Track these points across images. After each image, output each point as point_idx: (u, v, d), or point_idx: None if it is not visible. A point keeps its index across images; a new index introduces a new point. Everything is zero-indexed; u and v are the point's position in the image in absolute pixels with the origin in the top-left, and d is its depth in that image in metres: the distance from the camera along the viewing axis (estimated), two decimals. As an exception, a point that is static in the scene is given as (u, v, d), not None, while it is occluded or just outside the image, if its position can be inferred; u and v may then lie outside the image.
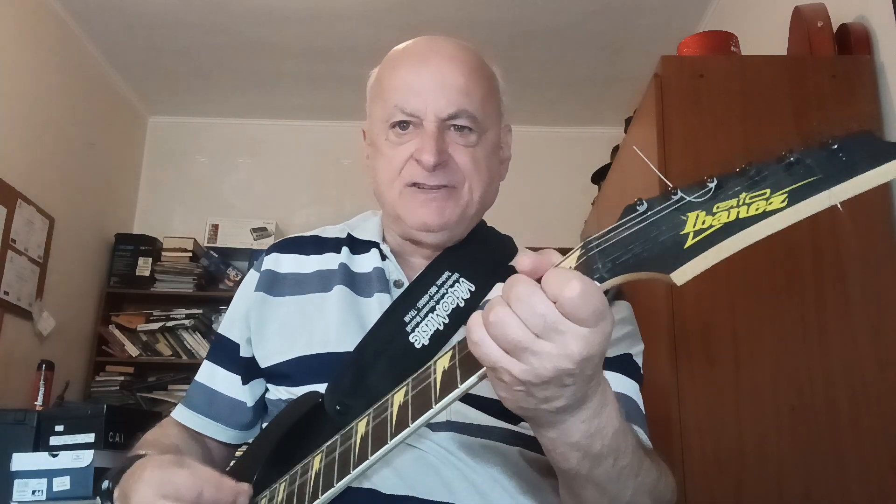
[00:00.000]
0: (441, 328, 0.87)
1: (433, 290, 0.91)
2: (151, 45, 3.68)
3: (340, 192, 4.10)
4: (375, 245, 0.99)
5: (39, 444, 2.15)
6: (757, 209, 0.51)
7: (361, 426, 0.74)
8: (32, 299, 3.22)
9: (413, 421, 0.67)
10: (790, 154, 0.52)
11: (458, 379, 0.64)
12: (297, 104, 4.19)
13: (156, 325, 3.86)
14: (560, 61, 3.72)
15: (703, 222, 0.53)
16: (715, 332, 1.64)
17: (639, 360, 0.94)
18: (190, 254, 3.95)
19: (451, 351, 0.67)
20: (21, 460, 2.08)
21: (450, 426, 0.84)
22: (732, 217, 0.52)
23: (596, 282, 0.56)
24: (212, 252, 4.00)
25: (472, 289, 0.91)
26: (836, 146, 0.51)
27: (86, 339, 3.78)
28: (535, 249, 1.01)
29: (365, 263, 0.98)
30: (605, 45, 3.57)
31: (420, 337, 0.87)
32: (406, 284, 0.94)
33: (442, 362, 0.67)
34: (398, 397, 0.71)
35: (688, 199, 0.54)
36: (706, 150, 1.77)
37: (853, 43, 1.88)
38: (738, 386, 1.61)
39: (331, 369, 0.88)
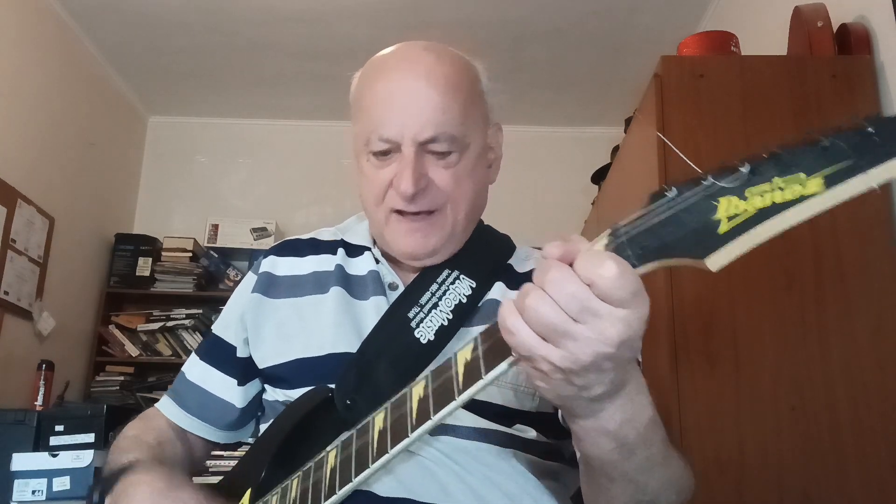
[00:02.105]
0: (445, 324, 0.87)
1: (434, 287, 0.90)
2: (151, 45, 3.67)
3: (340, 192, 4.10)
4: (368, 249, 0.99)
5: (39, 444, 2.15)
6: (793, 194, 0.51)
7: (379, 420, 0.73)
8: (32, 299, 3.22)
9: (435, 413, 0.67)
10: (823, 137, 0.51)
11: (483, 369, 0.63)
12: (297, 104, 4.19)
13: (156, 325, 3.86)
14: (560, 61, 3.72)
15: (736, 207, 0.52)
16: (715, 332, 1.64)
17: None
18: (190, 254, 3.95)
19: (472, 343, 0.66)
20: (21, 460, 2.08)
21: (445, 430, 0.83)
22: (768, 202, 0.51)
23: None
24: (212, 252, 4.00)
25: (473, 285, 0.91)
26: (870, 129, 0.50)
27: (86, 339, 3.78)
28: (537, 249, 1.02)
29: (360, 266, 0.97)
30: (605, 45, 3.57)
31: (425, 332, 0.87)
32: (400, 286, 0.94)
33: (463, 354, 0.67)
34: (417, 391, 0.70)
35: (719, 184, 0.53)
36: (706, 149, 1.77)
37: (853, 43, 1.88)
38: (738, 386, 1.61)
39: (329, 372, 0.88)
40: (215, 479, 1.09)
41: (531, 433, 0.87)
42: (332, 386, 0.86)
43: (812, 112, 1.78)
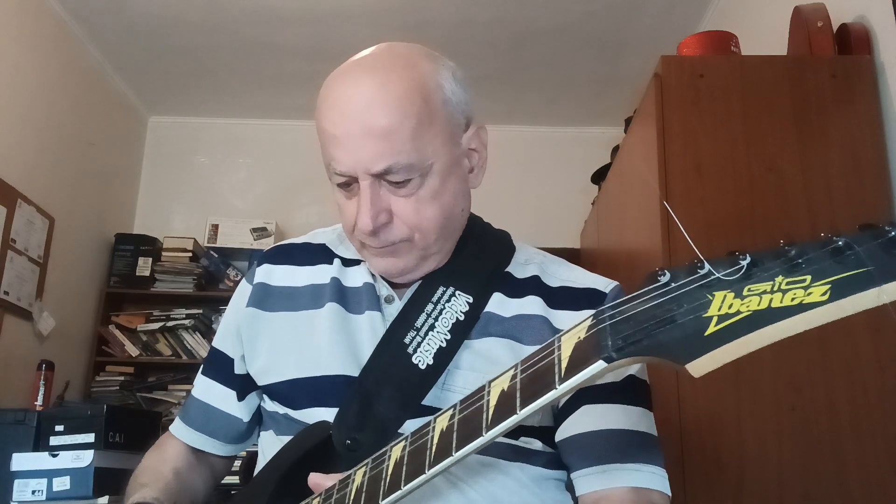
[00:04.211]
0: (444, 345, 0.85)
1: (429, 307, 0.88)
2: (151, 45, 3.67)
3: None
4: (363, 260, 0.97)
5: (39, 444, 2.14)
6: (793, 299, 0.45)
7: (359, 476, 0.72)
8: (32, 299, 3.21)
9: (405, 484, 0.64)
10: (838, 238, 0.46)
11: (454, 445, 0.61)
12: (297, 104, 4.19)
13: (156, 325, 3.86)
14: (560, 61, 3.72)
15: (731, 306, 0.47)
16: (715, 332, 1.64)
17: (643, 375, 0.90)
18: (190, 254, 3.95)
19: (451, 410, 0.65)
20: (21, 460, 2.08)
21: None
22: (764, 305, 0.46)
23: (604, 361, 0.52)
24: (212, 252, 4.00)
25: (470, 300, 0.89)
26: (893, 234, 0.44)
27: (86, 339, 3.78)
28: (539, 250, 1.01)
29: (356, 277, 0.95)
30: (605, 45, 3.57)
31: (423, 357, 0.84)
32: (396, 299, 0.92)
33: (441, 421, 0.65)
34: (396, 452, 0.69)
35: (716, 275, 0.48)
36: (706, 150, 1.77)
37: (853, 43, 1.88)
38: (738, 386, 1.61)
39: (324, 393, 0.87)
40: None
41: (536, 444, 0.86)
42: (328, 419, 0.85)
43: (812, 112, 1.78)
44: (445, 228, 0.88)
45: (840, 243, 0.46)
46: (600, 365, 0.53)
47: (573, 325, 0.58)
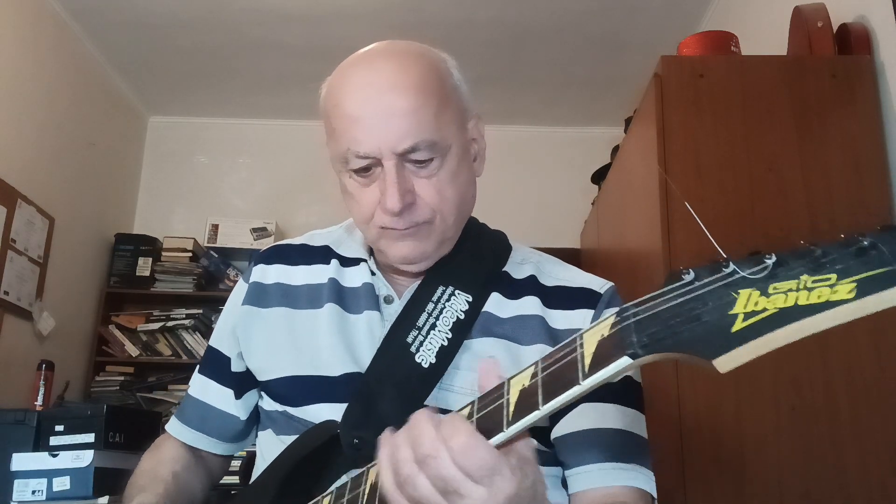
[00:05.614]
0: (445, 343, 0.86)
1: (430, 306, 0.89)
2: (151, 45, 3.68)
3: (341, 191, 4.10)
4: (364, 260, 0.97)
5: (39, 444, 2.14)
6: (819, 297, 0.46)
7: (372, 474, 0.71)
8: (32, 299, 3.22)
9: None
10: (864, 237, 0.47)
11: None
12: (297, 104, 4.19)
13: (156, 325, 3.86)
14: (560, 61, 3.72)
15: (756, 304, 0.48)
16: (715, 332, 1.64)
17: (638, 378, 0.91)
18: (190, 254, 3.95)
19: (468, 407, 0.65)
20: (21, 460, 2.08)
21: None
22: (790, 303, 0.47)
23: (629, 357, 0.52)
24: (212, 252, 4.00)
25: (470, 299, 0.89)
26: None
27: (86, 339, 3.78)
28: (536, 249, 1.01)
29: (355, 277, 0.96)
30: (604, 45, 3.57)
31: (426, 355, 0.85)
32: (395, 300, 0.92)
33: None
34: None
35: (741, 273, 0.49)
36: (706, 150, 1.77)
37: (853, 43, 1.88)
38: (738, 386, 1.61)
39: (323, 391, 0.87)
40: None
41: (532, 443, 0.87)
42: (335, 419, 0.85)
43: (812, 112, 1.78)
44: (461, 212, 0.90)
45: (865, 243, 0.46)
46: (625, 361, 0.53)
47: (593, 323, 0.59)
